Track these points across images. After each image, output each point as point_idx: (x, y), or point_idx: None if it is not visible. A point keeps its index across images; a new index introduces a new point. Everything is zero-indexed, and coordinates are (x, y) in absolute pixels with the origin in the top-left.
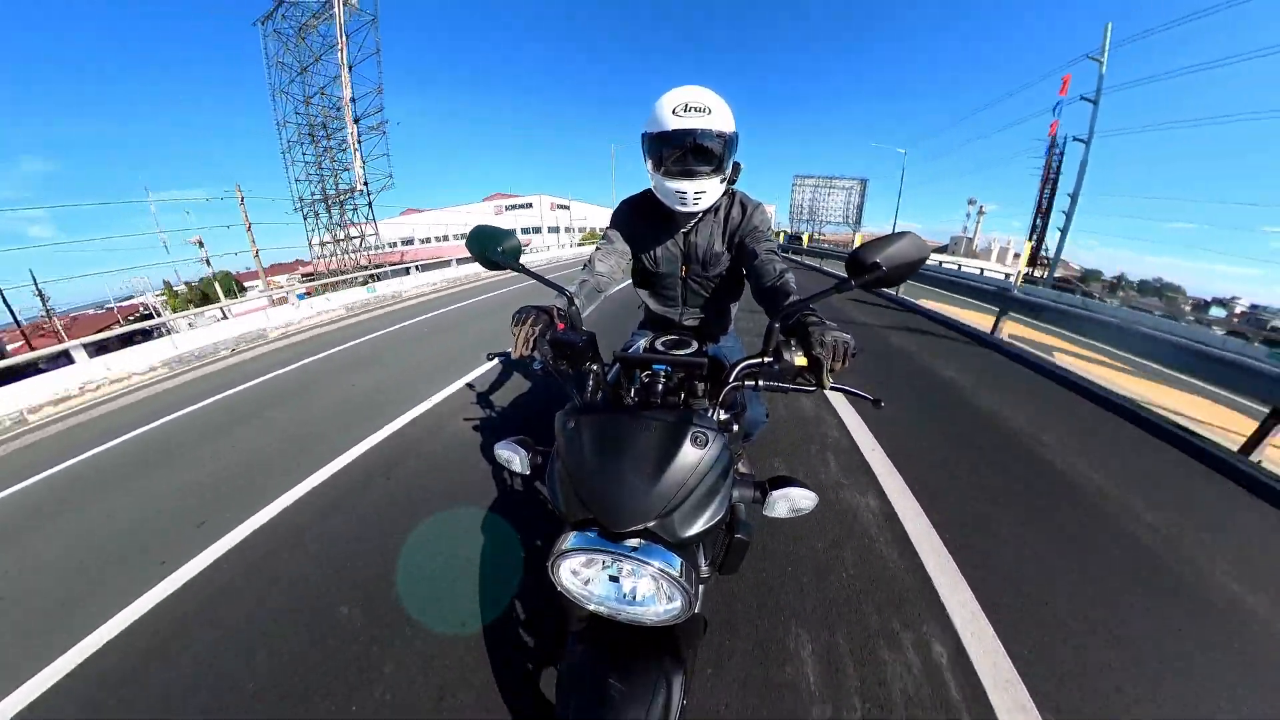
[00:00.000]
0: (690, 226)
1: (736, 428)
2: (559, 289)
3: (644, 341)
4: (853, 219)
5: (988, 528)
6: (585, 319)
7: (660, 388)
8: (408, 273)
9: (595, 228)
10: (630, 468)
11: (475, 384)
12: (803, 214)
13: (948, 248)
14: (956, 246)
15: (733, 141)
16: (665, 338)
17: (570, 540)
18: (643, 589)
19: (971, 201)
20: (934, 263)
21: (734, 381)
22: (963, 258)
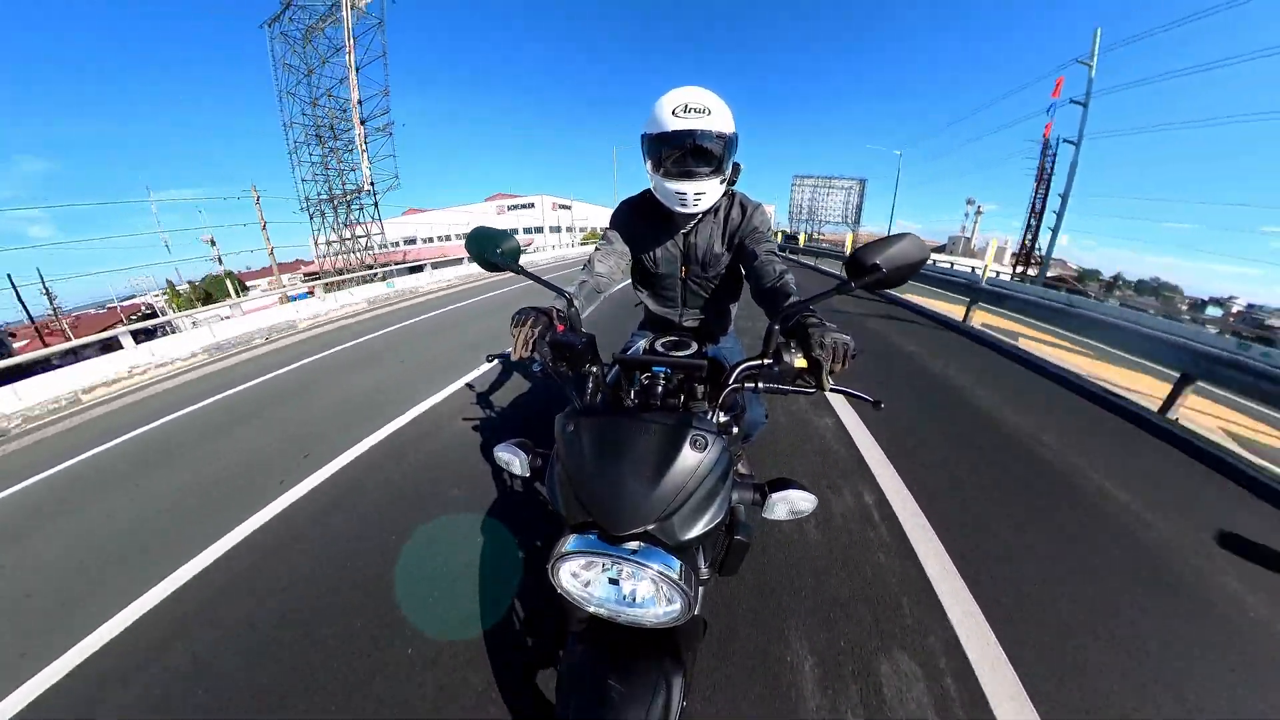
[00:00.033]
0: (690, 227)
1: (736, 430)
2: (558, 290)
3: (643, 343)
4: (852, 219)
5: (947, 466)
6: (585, 320)
7: (660, 390)
8: (423, 269)
9: (596, 228)
10: (630, 471)
11: (475, 385)
12: (802, 214)
13: (946, 247)
14: (955, 246)
15: (732, 142)
16: (665, 339)
17: (570, 543)
18: (642, 591)
19: (970, 201)
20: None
21: (733, 383)
22: (960, 257)
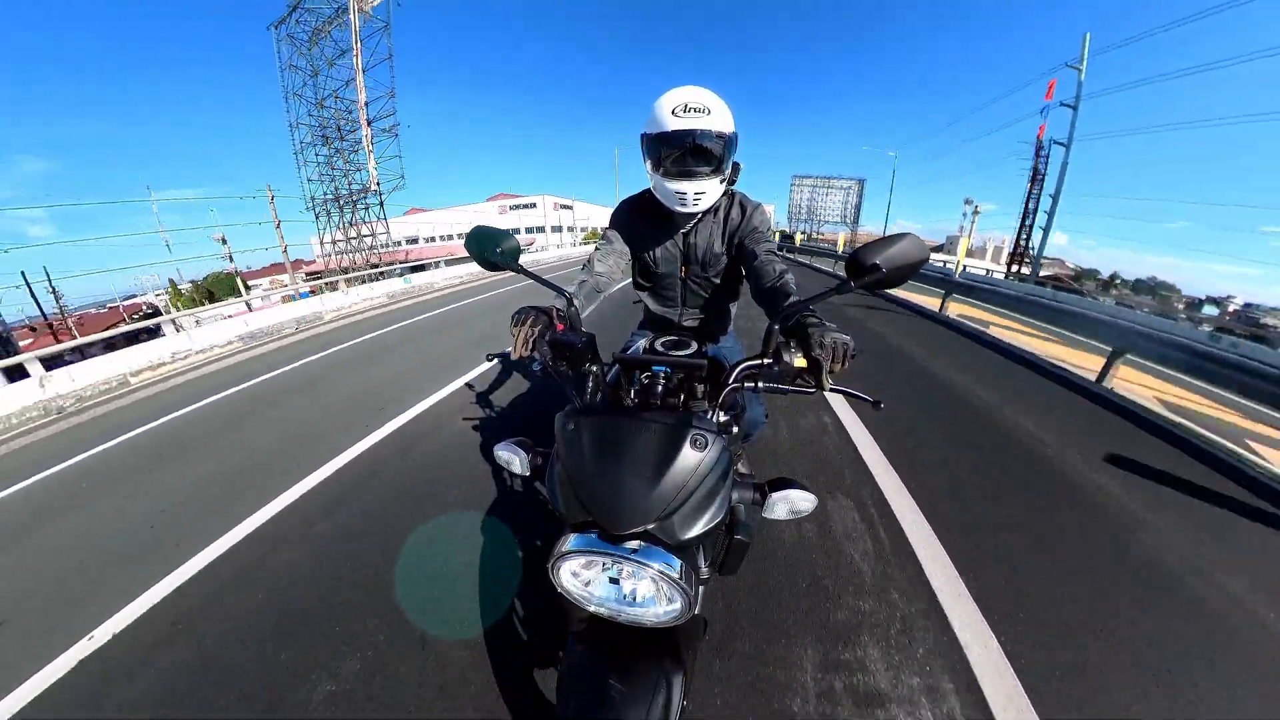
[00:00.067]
0: (690, 227)
1: (736, 429)
2: (558, 290)
3: (643, 342)
4: (850, 219)
5: (914, 429)
6: (584, 319)
7: (660, 389)
8: (425, 269)
9: (597, 227)
10: (630, 470)
11: (475, 384)
12: (801, 214)
13: (943, 247)
14: (952, 246)
15: (732, 142)
16: (664, 338)
17: (570, 542)
18: (643, 590)
19: (968, 201)
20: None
21: (733, 383)
22: (957, 256)
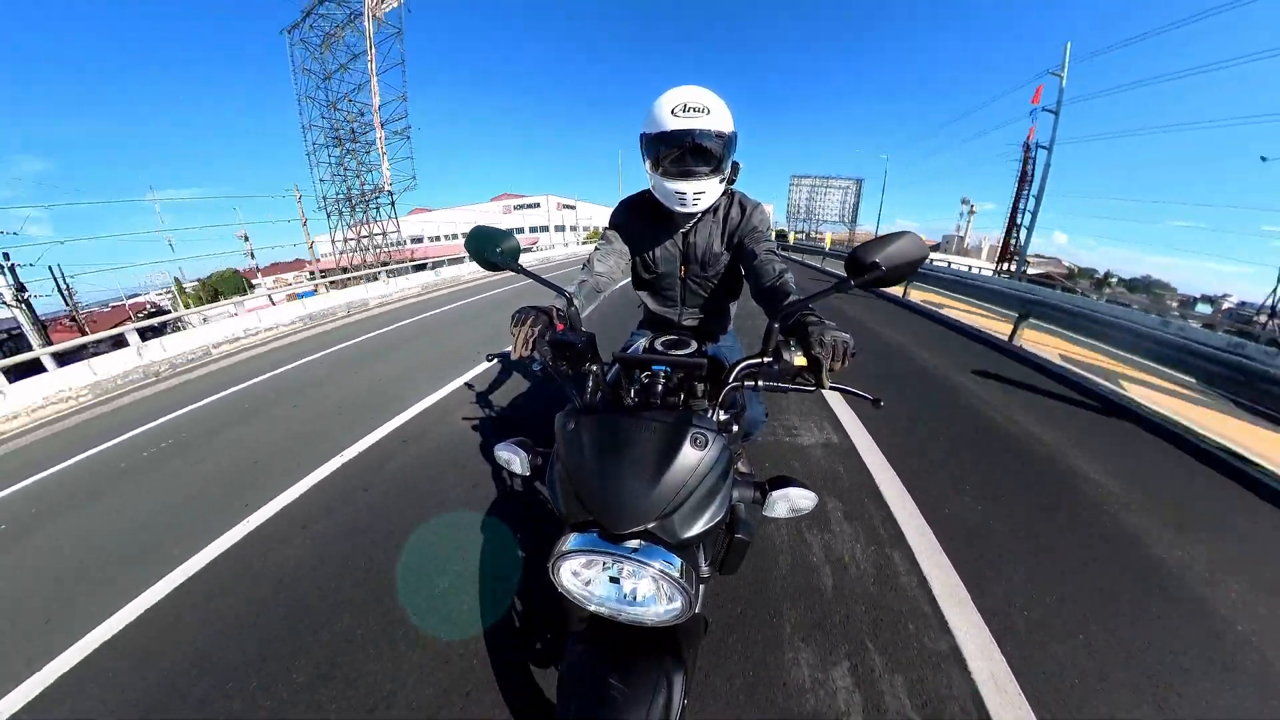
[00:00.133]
0: (689, 226)
1: (736, 428)
2: (558, 289)
3: (643, 342)
4: (848, 218)
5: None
6: (584, 319)
7: (660, 388)
8: (463, 262)
9: (600, 227)
10: (630, 469)
11: (474, 384)
12: (800, 213)
13: (940, 246)
14: (949, 245)
15: (731, 141)
16: (664, 338)
17: (571, 541)
18: (643, 590)
19: (964, 201)
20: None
21: (734, 382)
22: (955, 255)
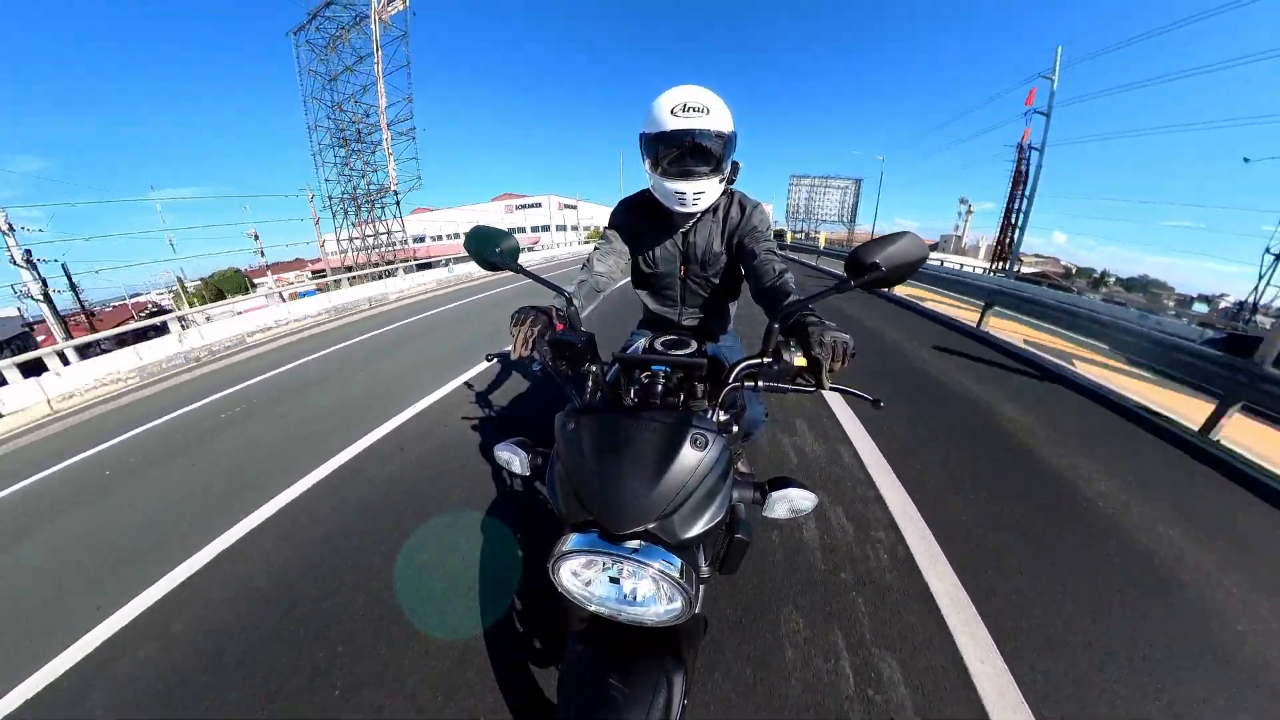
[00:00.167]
0: (689, 226)
1: (736, 428)
2: (557, 289)
3: (643, 342)
4: (847, 218)
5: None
6: (584, 319)
7: (659, 388)
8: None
9: (600, 226)
10: (630, 469)
11: (474, 384)
12: (799, 213)
13: (938, 245)
14: (946, 244)
15: (731, 141)
16: (664, 338)
17: (571, 542)
18: (643, 590)
19: (963, 201)
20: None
21: (733, 382)
22: (952, 255)
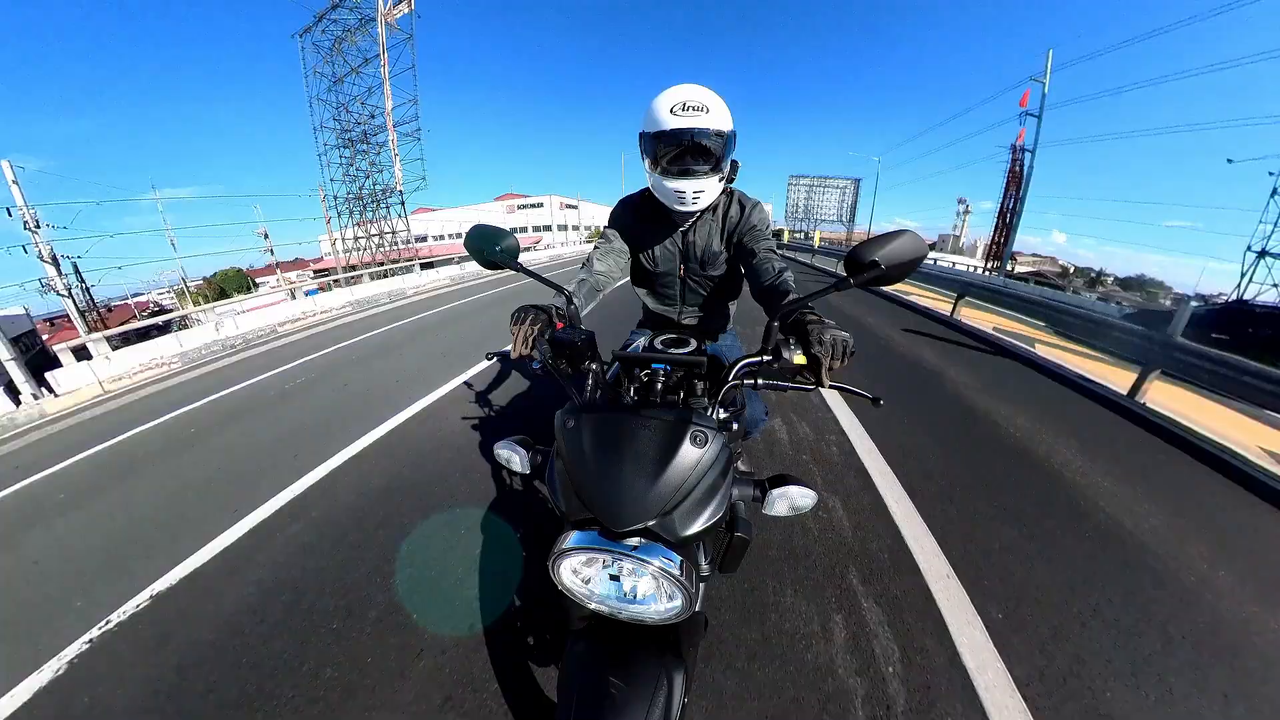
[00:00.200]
0: (689, 225)
1: (736, 426)
2: (557, 288)
3: (643, 340)
4: (846, 218)
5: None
6: (584, 318)
7: (659, 386)
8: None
9: (601, 226)
10: (630, 467)
11: (474, 383)
12: (798, 212)
13: (936, 245)
14: (944, 244)
15: (731, 140)
16: (664, 336)
17: (571, 539)
18: (643, 588)
19: (961, 201)
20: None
21: (733, 380)
22: (950, 254)
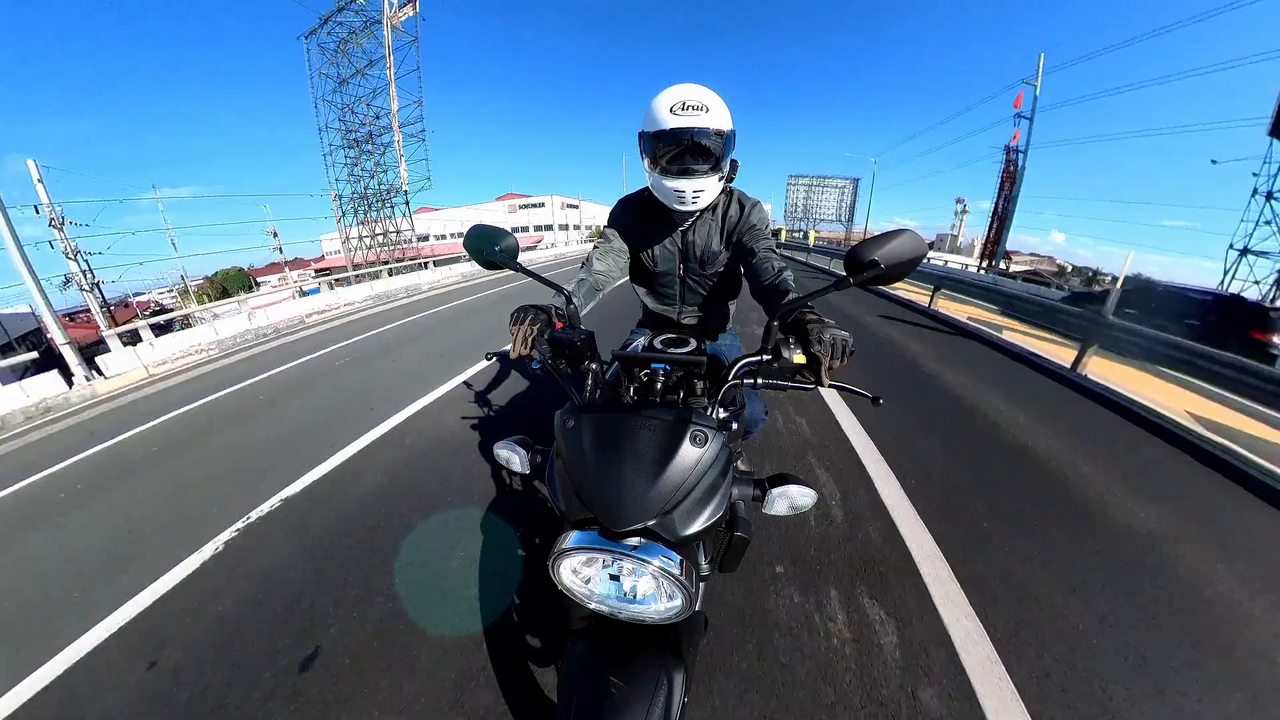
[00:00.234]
0: (688, 225)
1: (735, 426)
2: (557, 288)
3: (642, 340)
4: (845, 217)
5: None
6: (583, 317)
7: (659, 386)
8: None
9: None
10: (630, 467)
11: (473, 383)
12: (798, 212)
13: (934, 244)
14: (942, 243)
15: (730, 139)
16: (664, 336)
17: (571, 539)
18: (643, 587)
19: (959, 200)
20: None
21: (733, 379)
22: (948, 254)
